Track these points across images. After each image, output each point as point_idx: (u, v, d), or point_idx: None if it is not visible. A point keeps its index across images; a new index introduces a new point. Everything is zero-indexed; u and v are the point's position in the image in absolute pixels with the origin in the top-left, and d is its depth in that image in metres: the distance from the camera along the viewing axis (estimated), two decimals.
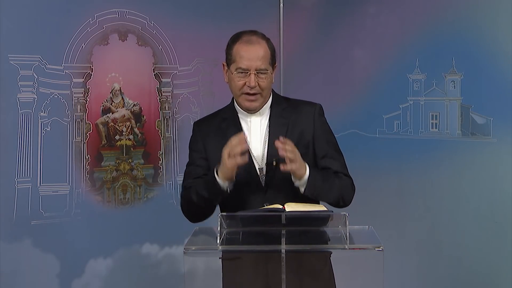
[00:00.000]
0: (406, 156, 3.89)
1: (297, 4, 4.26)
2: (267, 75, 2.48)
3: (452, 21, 3.69)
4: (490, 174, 3.59)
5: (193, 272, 2.22)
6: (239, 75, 2.47)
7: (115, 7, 3.66)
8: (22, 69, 3.34)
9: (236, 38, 2.51)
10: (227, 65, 2.52)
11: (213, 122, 2.61)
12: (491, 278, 3.60)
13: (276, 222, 2.21)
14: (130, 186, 3.76)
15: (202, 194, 2.44)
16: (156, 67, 3.82)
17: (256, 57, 2.45)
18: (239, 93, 2.49)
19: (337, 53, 4.11)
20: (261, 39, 2.50)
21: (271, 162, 2.46)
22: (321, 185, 2.42)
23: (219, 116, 2.61)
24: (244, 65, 2.45)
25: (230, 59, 2.50)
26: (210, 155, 2.54)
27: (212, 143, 2.54)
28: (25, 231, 3.36)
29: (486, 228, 3.60)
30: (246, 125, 2.54)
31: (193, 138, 2.63)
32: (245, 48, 2.46)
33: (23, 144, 3.36)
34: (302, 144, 2.49)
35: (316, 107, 2.58)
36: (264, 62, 2.46)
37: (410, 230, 3.85)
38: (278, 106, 2.57)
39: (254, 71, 2.45)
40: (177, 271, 3.76)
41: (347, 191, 2.51)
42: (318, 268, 2.44)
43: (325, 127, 2.58)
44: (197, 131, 2.62)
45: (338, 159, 2.56)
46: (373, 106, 3.99)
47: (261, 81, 2.47)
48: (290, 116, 2.54)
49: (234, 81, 2.49)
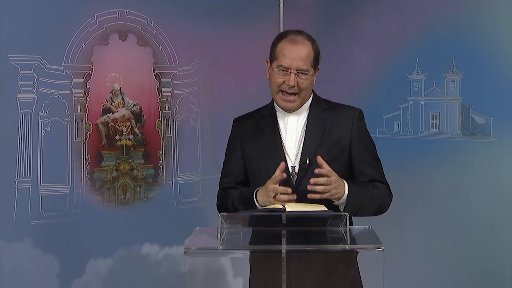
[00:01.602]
0: (406, 156, 3.89)
1: (297, 4, 4.26)
2: (307, 76, 2.48)
3: (452, 21, 3.69)
4: (490, 174, 3.60)
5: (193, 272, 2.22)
6: (280, 72, 2.48)
7: (115, 7, 3.66)
8: (22, 69, 3.34)
9: (282, 36, 2.53)
10: (270, 62, 2.53)
11: (251, 119, 2.62)
12: (491, 278, 3.60)
13: (277, 222, 2.21)
14: (130, 186, 3.76)
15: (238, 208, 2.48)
16: (156, 67, 3.82)
17: (299, 57, 2.46)
18: (277, 90, 2.50)
19: (337, 53, 4.11)
20: (306, 40, 2.51)
21: (304, 161, 2.47)
22: (361, 201, 2.43)
23: (258, 114, 2.63)
24: (285, 63, 2.46)
25: (273, 56, 2.51)
26: (247, 152, 2.58)
27: (249, 141, 2.57)
28: (25, 231, 3.36)
29: (486, 228, 3.60)
30: (284, 123, 2.55)
31: (231, 135, 2.66)
32: (289, 47, 2.47)
33: (23, 144, 3.35)
34: (338, 147, 2.49)
35: (356, 112, 2.58)
36: (306, 62, 2.47)
37: (410, 230, 3.85)
38: (317, 106, 2.57)
39: (295, 70, 2.46)
40: (177, 271, 3.76)
41: (384, 200, 2.53)
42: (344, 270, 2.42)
43: (363, 132, 2.58)
44: (236, 128, 2.65)
45: (375, 165, 2.56)
46: (373, 106, 3.98)
47: (301, 81, 2.47)
48: (329, 118, 2.54)
49: (274, 78, 2.50)
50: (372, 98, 3.99)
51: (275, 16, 4.19)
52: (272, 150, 2.45)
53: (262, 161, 2.49)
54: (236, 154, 2.60)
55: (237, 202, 2.51)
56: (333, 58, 4.13)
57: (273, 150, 2.45)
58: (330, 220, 2.23)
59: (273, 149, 2.44)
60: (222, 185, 2.63)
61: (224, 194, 2.59)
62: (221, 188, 2.63)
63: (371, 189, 2.49)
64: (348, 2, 4.12)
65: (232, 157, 2.61)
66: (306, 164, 2.46)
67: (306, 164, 2.46)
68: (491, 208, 3.59)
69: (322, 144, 2.46)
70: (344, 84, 4.08)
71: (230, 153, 2.63)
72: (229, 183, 2.59)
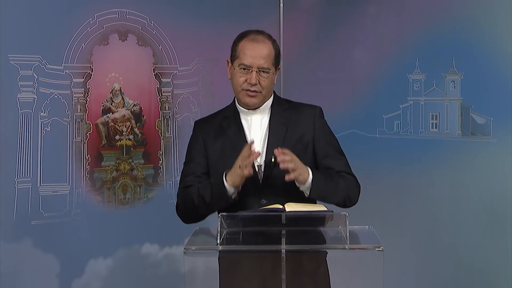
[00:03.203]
0: (406, 156, 3.89)
1: (297, 4, 4.26)
2: (269, 75, 2.50)
3: (452, 21, 3.69)
4: (490, 174, 3.59)
5: (193, 272, 2.22)
6: (241, 71, 2.49)
7: (115, 7, 3.66)
8: (22, 69, 3.34)
9: (242, 36, 2.54)
10: (231, 61, 2.54)
11: (214, 121, 2.62)
12: (491, 278, 3.60)
13: (276, 222, 2.21)
14: (130, 186, 3.76)
15: (204, 197, 2.45)
16: (156, 67, 3.82)
17: (260, 55, 2.47)
18: (239, 89, 2.52)
19: (337, 53, 4.11)
20: (267, 39, 2.53)
21: (269, 160, 2.46)
22: (326, 187, 2.43)
23: (220, 115, 2.63)
24: (247, 62, 2.47)
25: (234, 55, 2.52)
26: (210, 153, 2.56)
27: (212, 142, 2.56)
28: (25, 231, 3.36)
29: (486, 228, 3.60)
30: (247, 123, 2.56)
31: (193, 136, 2.64)
32: (250, 46, 2.49)
33: (23, 144, 3.35)
34: (302, 144, 2.51)
35: (317, 109, 2.60)
36: (267, 61, 2.49)
37: (410, 230, 3.85)
38: (279, 106, 2.59)
39: (256, 68, 2.47)
40: (177, 271, 3.76)
41: (352, 190, 2.52)
42: (314, 268, 2.44)
43: (325, 129, 2.59)
44: (198, 129, 2.64)
45: (340, 159, 2.57)
46: (373, 106, 3.99)
47: (262, 79, 2.49)
48: (291, 116, 2.56)
49: (236, 77, 2.51)
50: (372, 98, 3.99)
51: (275, 16, 4.19)
52: (237, 150, 2.43)
53: (228, 161, 2.46)
54: (199, 155, 2.57)
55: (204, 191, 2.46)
56: (333, 58, 4.14)
57: (238, 150, 2.43)
58: (330, 220, 2.23)
59: (238, 149, 2.43)
60: (184, 184, 2.56)
61: (186, 191, 2.54)
62: (182, 188, 2.56)
63: (336, 177, 2.49)
64: (348, 2, 4.12)
65: (195, 158, 2.58)
66: (271, 163, 2.46)
67: (271, 162, 2.46)
68: (491, 208, 3.59)
69: (286, 142, 2.47)
70: (344, 84, 4.08)
71: (193, 154, 2.60)
72: (193, 181, 2.53)
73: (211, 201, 2.44)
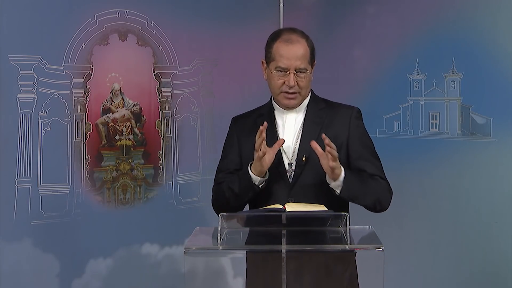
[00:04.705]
0: (406, 156, 3.89)
1: (297, 4, 4.26)
2: (306, 74, 2.48)
3: (452, 21, 3.69)
4: (490, 174, 3.60)
5: (193, 272, 2.22)
6: (279, 74, 2.47)
7: (115, 7, 3.66)
8: (22, 69, 3.34)
9: (275, 36, 2.51)
10: (266, 63, 2.53)
11: (249, 118, 2.62)
12: (491, 278, 3.60)
13: (277, 222, 2.21)
14: (130, 186, 3.76)
15: (233, 189, 2.46)
16: (156, 67, 3.82)
17: (296, 56, 2.45)
18: (278, 92, 2.50)
19: (337, 53, 4.11)
20: (301, 38, 2.50)
21: (301, 158, 2.47)
22: (357, 187, 2.41)
23: (256, 113, 2.63)
24: (283, 65, 2.45)
25: (269, 57, 2.50)
26: (243, 150, 2.56)
27: (246, 139, 2.55)
28: (25, 231, 3.36)
29: (486, 228, 3.60)
30: (281, 121, 2.55)
31: (229, 133, 2.65)
32: (285, 47, 2.46)
33: (23, 144, 3.35)
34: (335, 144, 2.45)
35: (354, 110, 2.58)
36: (304, 61, 2.46)
37: (410, 230, 3.85)
38: (315, 105, 2.57)
39: (294, 70, 2.45)
40: (177, 271, 3.76)
41: (383, 195, 2.50)
42: (340, 270, 2.40)
43: (360, 130, 2.57)
44: (234, 126, 2.65)
45: (374, 163, 2.54)
46: (373, 106, 3.98)
47: (300, 80, 2.47)
48: (326, 116, 2.54)
49: (273, 80, 2.49)
50: (372, 98, 3.99)
51: (275, 16, 4.19)
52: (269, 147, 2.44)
53: None
54: (233, 151, 2.59)
55: (232, 183, 2.48)
56: (333, 58, 4.13)
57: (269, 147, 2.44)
58: (330, 220, 2.23)
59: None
60: (217, 181, 2.59)
61: (218, 186, 2.56)
62: (216, 184, 2.60)
63: (369, 179, 2.47)
64: (348, 2, 4.12)
65: (229, 154, 2.60)
66: (303, 161, 2.46)
67: (302, 161, 2.46)
68: (491, 208, 3.59)
69: (319, 142, 2.46)
70: (344, 84, 4.08)
71: (227, 151, 2.62)
72: (224, 178, 2.56)
73: (239, 192, 2.46)
